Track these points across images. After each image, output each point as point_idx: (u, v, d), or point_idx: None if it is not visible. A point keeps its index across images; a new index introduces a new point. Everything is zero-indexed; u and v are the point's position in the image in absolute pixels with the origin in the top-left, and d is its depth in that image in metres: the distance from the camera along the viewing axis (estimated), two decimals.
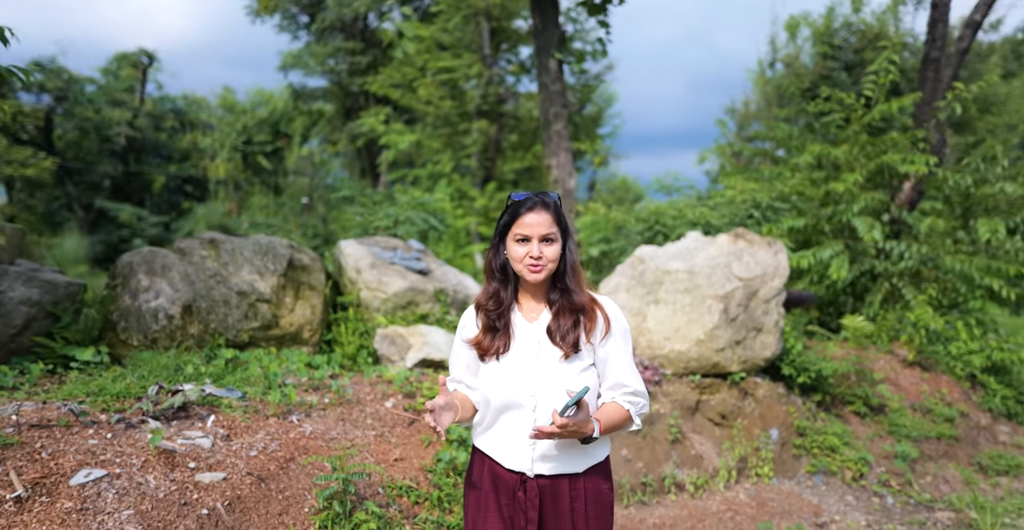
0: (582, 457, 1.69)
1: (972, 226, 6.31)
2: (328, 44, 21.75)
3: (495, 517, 1.73)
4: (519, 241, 1.66)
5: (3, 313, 3.17)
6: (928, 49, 7.10)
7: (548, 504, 1.69)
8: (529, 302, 1.75)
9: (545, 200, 1.68)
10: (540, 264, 1.65)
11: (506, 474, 1.71)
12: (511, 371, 1.68)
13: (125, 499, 2.35)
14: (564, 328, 1.67)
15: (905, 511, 4.19)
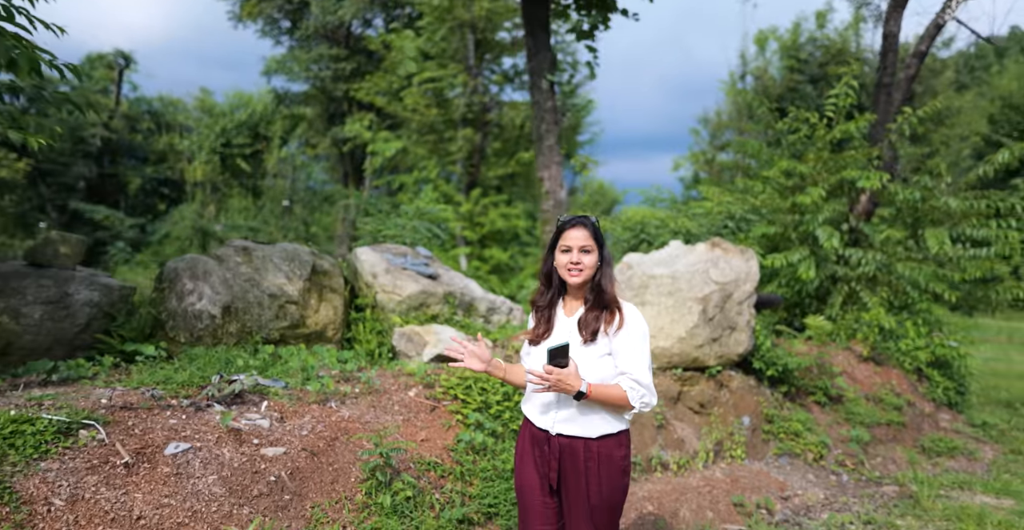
0: (597, 426, 2.07)
1: (921, 236, 7.00)
2: (312, 50, 22.01)
3: (531, 464, 2.19)
4: (563, 251, 2.10)
5: (70, 313, 3.55)
6: (880, 76, 7.81)
7: (566, 459, 2.09)
8: (571, 302, 2.18)
9: (584, 221, 2.12)
10: (579, 269, 2.08)
11: (538, 431, 2.16)
12: (542, 353, 2.08)
13: (208, 467, 2.78)
14: (590, 321, 2.08)
15: (858, 486, 4.78)
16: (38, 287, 3.48)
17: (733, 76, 29.90)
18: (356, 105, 22.61)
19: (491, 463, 3.55)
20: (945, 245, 6.23)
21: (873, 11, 26.04)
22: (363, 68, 22.53)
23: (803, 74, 26.39)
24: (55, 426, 2.60)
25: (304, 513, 2.86)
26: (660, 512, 3.84)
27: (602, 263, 2.12)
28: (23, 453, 2.44)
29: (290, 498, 2.88)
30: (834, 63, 25.15)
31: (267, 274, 4.35)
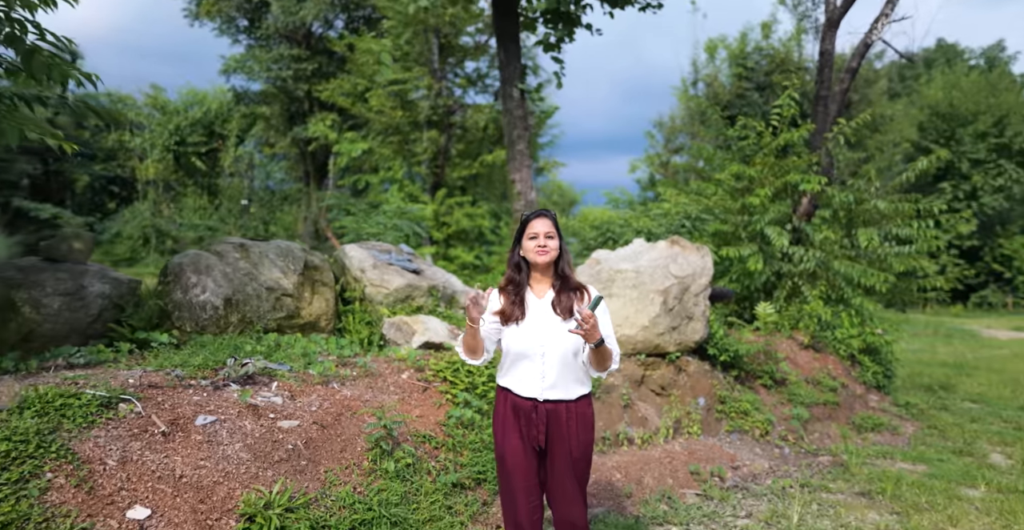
0: (574, 389, 2.45)
1: (854, 235, 7.77)
2: (272, 50, 21.92)
3: (515, 433, 2.47)
4: (531, 238, 2.43)
5: (85, 304, 3.80)
6: (818, 89, 8.60)
7: (552, 421, 2.44)
8: (538, 285, 2.51)
9: (546, 213, 2.49)
10: (546, 249, 2.41)
11: (522, 401, 2.46)
12: (527, 331, 2.43)
13: (234, 436, 3.12)
14: (563, 301, 2.43)
15: (797, 457, 5.41)
16: (55, 280, 3.72)
17: (685, 82, 31.11)
18: (318, 105, 22.63)
19: (478, 437, 3.98)
20: (873, 242, 6.98)
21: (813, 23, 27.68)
22: (324, 69, 22.55)
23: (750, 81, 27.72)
24: (98, 400, 2.91)
25: (319, 476, 3.23)
26: (627, 479, 4.34)
27: (561, 250, 2.49)
28: (75, 422, 2.74)
29: (306, 463, 3.25)
30: (779, 72, 26.57)
31: (264, 269, 4.66)
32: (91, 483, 2.56)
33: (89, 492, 2.53)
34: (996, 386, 9.25)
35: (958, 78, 30.74)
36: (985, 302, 27.72)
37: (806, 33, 28.27)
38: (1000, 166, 26.99)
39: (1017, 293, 27.57)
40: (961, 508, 4.20)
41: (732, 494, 4.44)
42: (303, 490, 3.09)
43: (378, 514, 3.17)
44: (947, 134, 28.64)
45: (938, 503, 4.28)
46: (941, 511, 4.14)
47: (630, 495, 4.19)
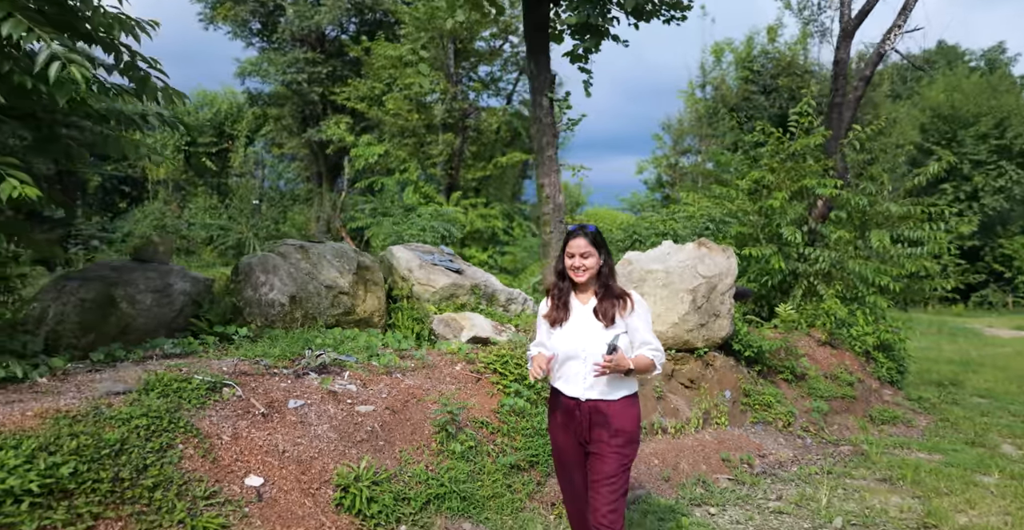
0: (616, 389, 2.59)
1: (867, 236, 8.10)
2: (287, 54, 22.32)
3: (562, 429, 2.67)
4: (569, 257, 2.61)
5: (171, 301, 4.16)
6: (833, 96, 8.94)
7: (595, 416, 2.58)
8: (582, 293, 2.68)
9: (584, 230, 2.61)
10: (580, 271, 2.58)
11: (568, 400, 2.63)
12: (570, 335, 2.61)
13: (321, 418, 3.47)
14: (606, 308, 2.58)
15: (819, 447, 5.74)
16: (146, 279, 4.08)
17: (692, 85, 31.42)
18: (331, 107, 23.01)
19: (529, 423, 4.32)
20: (886, 243, 7.30)
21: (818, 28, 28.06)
22: (338, 72, 22.95)
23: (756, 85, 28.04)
24: (206, 384, 3.26)
25: (395, 455, 3.58)
26: (664, 465, 4.68)
27: (604, 264, 2.61)
28: (191, 403, 3.10)
29: (383, 444, 3.60)
30: (785, 75, 26.91)
31: (322, 269, 5.02)
32: (213, 454, 2.92)
33: (213, 462, 2.89)
34: (1002, 382, 9.58)
35: (959, 80, 31.04)
36: (986, 301, 28.01)
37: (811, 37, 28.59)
38: (1001, 167, 27.26)
39: (1017, 293, 27.86)
40: (977, 492, 4.52)
41: (762, 479, 4.78)
42: (384, 467, 3.44)
43: (449, 489, 3.52)
44: (949, 136, 28.95)
45: (956, 488, 4.61)
46: (959, 495, 4.47)
47: (668, 479, 4.53)
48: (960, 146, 28.42)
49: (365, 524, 3.10)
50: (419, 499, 3.37)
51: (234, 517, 2.74)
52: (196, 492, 2.72)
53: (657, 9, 7.32)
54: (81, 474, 2.45)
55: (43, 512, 2.30)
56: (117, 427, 2.73)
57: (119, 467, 2.58)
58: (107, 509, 2.46)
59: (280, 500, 2.95)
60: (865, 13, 8.66)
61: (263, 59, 22.82)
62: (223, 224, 27.45)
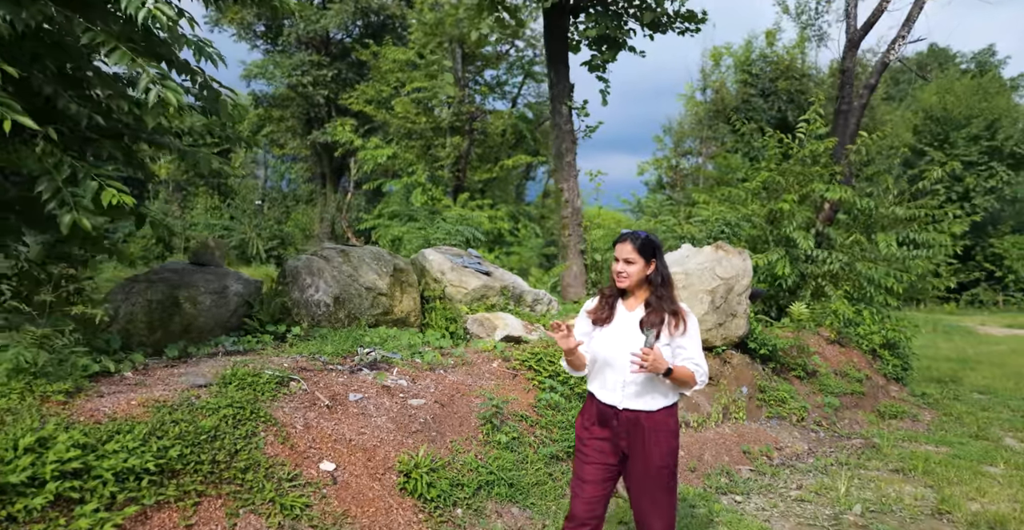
0: (655, 400, 2.47)
1: (873, 239, 8.41)
2: (293, 56, 22.58)
3: (599, 431, 2.54)
4: (615, 261, 2.52)
5: (227, 301, 4.42)
6: (839, 104, 9.25)
7: (632, 429, 2.46)
8: (631, 300, 2.56)
9: (631, 236, 2.50)
10: (622, 276, 2.48)
11: (605, 408, 2.52)
12: (610, 339, 2.51)
13: (379, 410, 3.74)
14: (653, 321, 2.43)
15: (832, 440, 6.03)
16: (205, 281, 4.34)
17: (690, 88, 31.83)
18: (335, 109, 23.28)
19: (565, 417, 4.59)
20: (892, 247, 7.62)
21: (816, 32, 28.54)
22: (343, 75, 23.24)
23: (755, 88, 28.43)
24: (275, 379, 3.52)
25: (447, 445, 3.85)
26: (690, 456, 4.96)
27: (656, 272, 2.49)
28: (264, 395, 3.36)
29: (435, 434, 3.86)
30: (783, 79, 27.32)
31: (362, 271, 5.28)
32: (291, 441, 3.18)
33: (291, 448, 3.15)
34: (1000, 379, 9.90)
35: (951, 82, 31.57)
36: (977, 300, 28.49)
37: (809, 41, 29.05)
38: (992, 168, 27.76)
39: (1007, 291, 28.36)
40: (985, 482, 4.81)
41: (781, 470, 5.06)
42: (439, 455, 3.70)
43: (497, 477, 3.78)
44: (941, 137, 29.49)
45: (965, 478, 4.89)
46: (968, 484, 4.75)
47: (694, 469, 4.81)
48: (952, 147, 28.94)
49: (426, 507, 3.36)
50: (471, 485, 3.63)
51: (314, 497, 3.01)
52: (280, 474, 2.99)
53: (672, 21, 7.61)
54: (186, 456, 2.72)
55: (158, 489, 2.56)
56: (208, 416, 2.99)
57: (215, 451, 2.84)
58: (209, 488, 2.72)
59: (352, 483, 3.21)
60: (871, 24, 8.97)
61: (269, 62, 23.07)
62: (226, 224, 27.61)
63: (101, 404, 2.80)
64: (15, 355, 2.60)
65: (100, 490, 2.38)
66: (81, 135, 3.37)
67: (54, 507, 2.28)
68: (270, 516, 2.80)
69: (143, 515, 2.48)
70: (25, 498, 2.21)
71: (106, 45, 2.95)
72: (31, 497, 2.21)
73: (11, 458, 2.25)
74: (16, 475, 2.19)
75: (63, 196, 2.91)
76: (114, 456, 2.48)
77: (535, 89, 23.11)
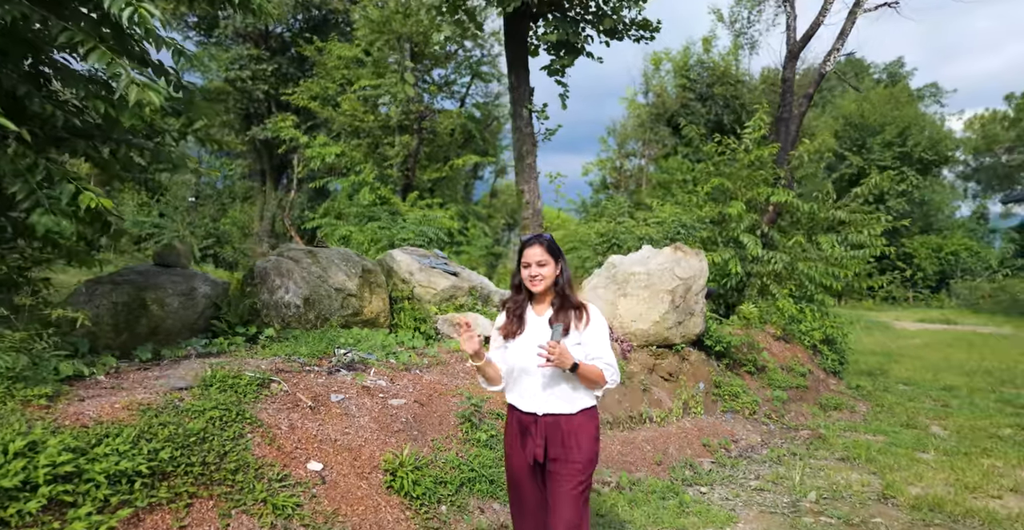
0: (573, 402, 2.46)
1: (814, 240, 8.99)
2: (230, 50, 21.85)
3: (517, 447, 2.54)
4: (524, 267, 2.48)
5: (194, 303, 4.33)
6: (780, 112, 9.84)
7: (551, 433, 2.45)
8: (539, 305, 2.55)
9: (538, 239, 2.49)
10: (537, 279, 2.46)
11: (524, 416, 2.50)
12: (524, 347, 2.47)
13: (361, 410, 3.77)
14: (561, 319, 2.44)
15: (782, 432, 6.43)
16: (172, 283, 4.23)
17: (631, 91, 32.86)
18: (276, 105, 22.66)
19: None
20: (835, 248, 8.18)
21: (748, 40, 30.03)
22: (283, 69, 22.67)
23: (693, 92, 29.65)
24: (255, 380, 3.51)
25: (428, 444, 3.92)
26: (655, 450, 5.20)
27: (561, 273, 2.51)
28: (246, 397, 3.34)
29: (416, 433, 3.93)
30: (719, 84, 28.62)
31: (331, 272, 5.27)
32: (277, 442, 3.18)
33: (278, 449, 3.16)
34: (920, 371, 10.77)
35: (868, 91, 33.99)
36: (890, 296, 30.72)
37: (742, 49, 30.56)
38: (903, 172, 30.08)
39: (916, 288, 30.77)
40: (921, 468, 5.26)
41: (740, 462, 5.38)
42: (421, 454, 3.77)
43: (478, 474, 3.89)
44: (859, 143, 31.80)
45: (903, 464, 5.34)
46: (907, 470, 5.19)
47: (660, 462, 5.05)
48: (869, 152, 31.23)
49: (412, 504, 3.43)
50: (454, 482, 3.72)
51: (304, 497, 3.03)
52: (270, 475, 2.99)
53: (628, 29, 7.92)
54: (176, 458, 2.69)
55: (150, 491, 2.53)
56: (195, 418, 2.96)
57: (205, 453, 2.82)
58: (200, 489, 2.71)
59: (340, 483, 3.24)
60: (809, 36, 9.59)
61: (203, 54, 22.21)
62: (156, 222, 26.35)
63: (84, 408, 2.73)
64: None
65: (93, 493, 2.35)
66: (54, 135, 3.26)
67: (47, 511, 2.23)
68: (262, 516, 2.80)
69: (136, 517, 2.45)
70: (18, 502, 2.16)
71: (84, 44, 2.89)
72: (24, 501, 2.17)
73: (2, 462, 2.19)
74: (9, 479, 2.14)
75: (38, 198, 2.82)
76: (105, 459, 2.44)
77: (483, 89, 23.30)
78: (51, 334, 2.91)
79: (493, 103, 24.83)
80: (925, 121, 33.40)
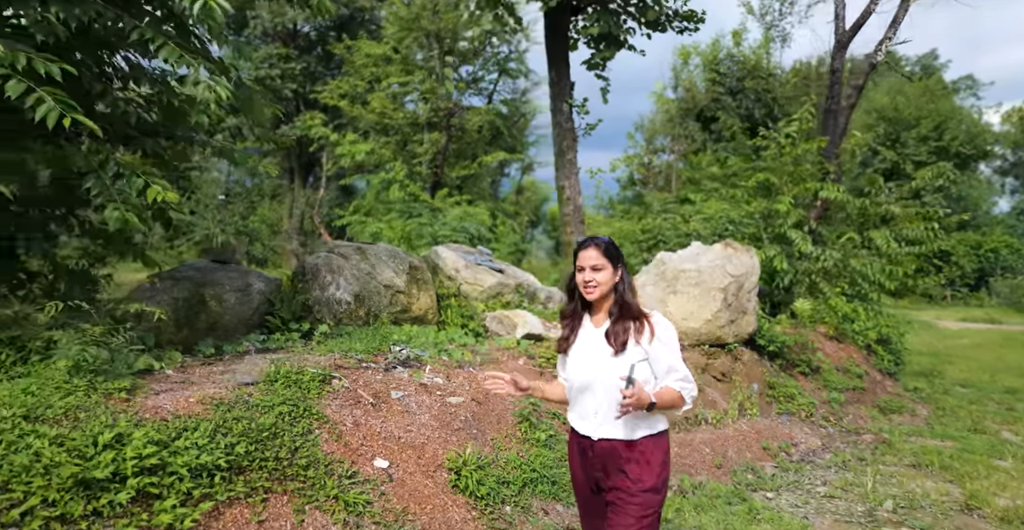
0: (635, 428, 2.17)
1: (866, 235, 8.78)
2: (259, 49, 22.21)
3: (579, 469, 2.33)
4: (579, 271, 2.24)
5: (250, 299, 4.38)
6: (829, 104, 9.63)
7: (609, 461, 2.19)
8: (598, 314, 2.28)
9: (596, 241, 2.25)
10: (592, 286, 2.20)
11: (582, 439, 2.27)
12: (579, 363, 2.26)
13: (420, 408, 3.77)
14: (618, 333, 2.18)
15: (842, 436, 6.28)
16: (229, 279, 4.29)
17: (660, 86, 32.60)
18: (304, 103, 22.96)
19: None
20: (891, 244, 7.98)
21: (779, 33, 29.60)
22: (312, 68, 22.97)
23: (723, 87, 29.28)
24: (317, 376, 3.52)
25: (488, 442, 3.90)
26: (715, 453, 5.12)
27: (620, 278, 2.24)
28: (310, 393, 3.36)
29: (476, 432, 3.91)
30: (750, 78, 28.23)
31: (380, 269, 5.29)
32: (344, 439, 3.19)
33: (345, 445, 3.17)
34: (976, 372, 10.45)
35: (902, 84, 33.19)
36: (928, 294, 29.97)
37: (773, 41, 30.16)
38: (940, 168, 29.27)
39: (954, 286, 29.95)
40: (1002, 476, 5.02)
41: (803, 466, 5.26)
42: (482, 453, 3.75)
43: (540, 475, 3.86)
44: (893, 137, 31.03)
45: (981, 473, 5.12)
46: (987, 479, 4.97)
47: (719, 466, 4.97)
48: (903, 147, 30.48)
49: (477, 504, 3.41)
50: (517, 483, 3.70)
51: (374, 494, 3.03)
52: (339, 471, 3.00)
53: (671, 20, 7.83)
54: (251, 453, 2.71)
55: (228, 485, 2.56)
56: (265, 413, 2.99)
57: (277, 448, 2.84)
58: (275, 484, 2.72)
59: (406, 481, 3.24)
60: (859, 25, 9.38)
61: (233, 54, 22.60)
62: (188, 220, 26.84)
63: (160, 401, 2.77)
64: (79, 353, 2.55)
65: (177, 486, 2.37)
66: (123, 133, 3.33)
67: (135, 502, 2.26)
68: (334, 513, 2.81)
69: (216, 511, 2.47)
70: (109, 493, 2.19)
71: (155, 41, 2.94)
72: (115, 492, 2.20)
73: (92, 454, 2.22)
74: (100, 470, 2.17)
75: (111, 193, 2.87)
76: (186, 452, 2.47)
77: (510, 85, 23.31)
78: (127, 329, 2.96)
79: (520, 99, 24.85)
80: (962, 115, 32.54)
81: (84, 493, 2.13)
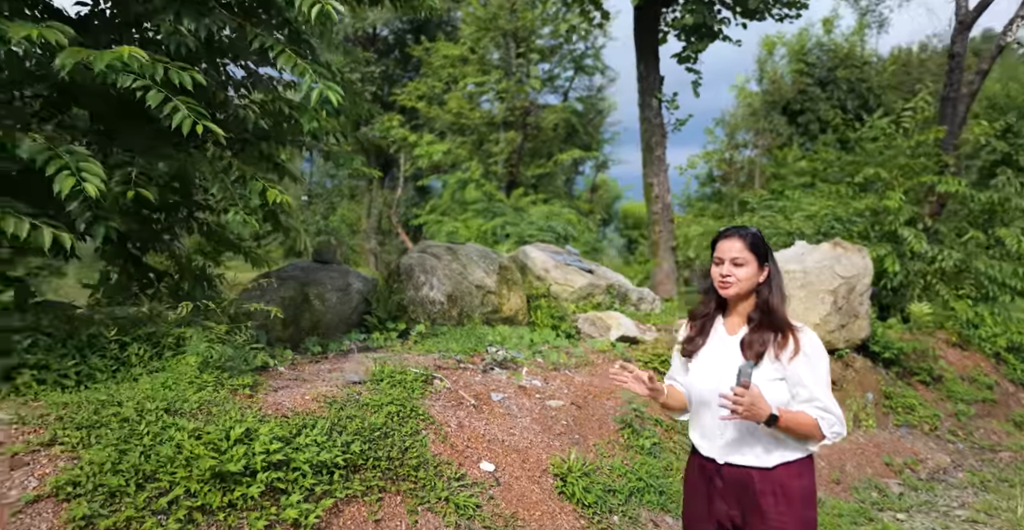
0: (770, 454, 1.89)
1: (991, 234, 8.07)
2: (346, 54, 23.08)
3: (700, 498, 2.04)
4: (716, 264, 1.98)
5: (349, 298, 4.50)
6: (947, 91, 8.93)
7: (741, 493, 1.91)
8: (734, 318, 2.02)
9: (740, 232, 1.98)
10: (729, 281, 1.94)
11: (706, 462, 2.00)
12: (704, 371, 2.01)
13: (522, 411, 3.74)
14: (755, 342, 1.91)
15: (974, 453, 5.79)
16: (330, 279, 4.43)
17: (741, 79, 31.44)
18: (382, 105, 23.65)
19: None
20: (1022, 243, 7.30)
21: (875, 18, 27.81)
22: (390, 71, 23.62)
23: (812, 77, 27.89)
24: (420, 376, 3.56)
25: (591, 448, 3.82)
26: (831, 467, 4.82)
27: (767, 278, 1.98)
28: (414, 393, 3.39)
29: (578, 437, 3.84)
30: (843, 67, 26.73)
31: (471, 269, 5.31)
32: (450, 440, 3.20)
33: (451, 447, 3.17)
34: None
35: (1015, 69, 30.37)
36: None
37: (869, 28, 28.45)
38: None
39: None
40: None
41: (934, 486, 4.88)
42: (587, 459, 3.67)
43: (646, 484, 3.73)
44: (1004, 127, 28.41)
45: None
46: None
47: (838, 481, 4.68)
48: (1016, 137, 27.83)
49: (585, 512, 3.33)
50: (623, 491, 3.59)
51: (482, 498, 3.01)
52: (448, 473, 3.00)
53: (770, 7, 7.49)
54: (365, 452, 2.75)
55: (346, 483, 2.60)
56: (374, 412, 3.03)
57: (388, 448, 2.88)
58: (388, 484, 2.75)
59: (513, 485, 3.21)
60: (985, 5, 8.65)
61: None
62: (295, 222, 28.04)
63: (280, 398, 2.86)
64: (207, 349, 2.68)
65: (300, 482, 2.43)
66: (241, 138, 3.49)
67: (264, 496, 2.33)
68: (446, 515, 2.81)
69: (336, 508, 2.52)
70: (242, 486, 2.27)
71: (274, 49, 3.04)
72: (247, 485, 2.27)
73: (226, 447, 2.31)
74: (234, 464, 2.25)
75: (234, 197, 3.00)
76: (307, 449, 2.53)
77: (585, 82, 23.12)
78: (248, 327, 3.08)
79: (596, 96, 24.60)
80: None
81: (220, 485, 2.22)
